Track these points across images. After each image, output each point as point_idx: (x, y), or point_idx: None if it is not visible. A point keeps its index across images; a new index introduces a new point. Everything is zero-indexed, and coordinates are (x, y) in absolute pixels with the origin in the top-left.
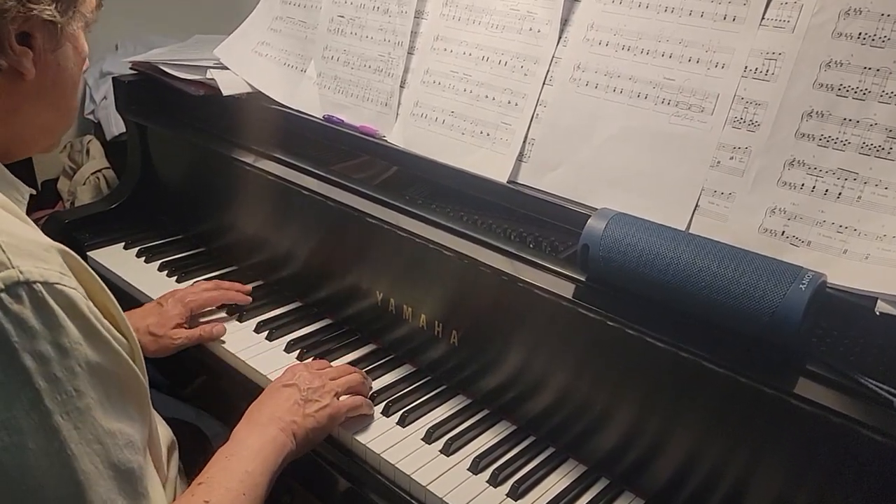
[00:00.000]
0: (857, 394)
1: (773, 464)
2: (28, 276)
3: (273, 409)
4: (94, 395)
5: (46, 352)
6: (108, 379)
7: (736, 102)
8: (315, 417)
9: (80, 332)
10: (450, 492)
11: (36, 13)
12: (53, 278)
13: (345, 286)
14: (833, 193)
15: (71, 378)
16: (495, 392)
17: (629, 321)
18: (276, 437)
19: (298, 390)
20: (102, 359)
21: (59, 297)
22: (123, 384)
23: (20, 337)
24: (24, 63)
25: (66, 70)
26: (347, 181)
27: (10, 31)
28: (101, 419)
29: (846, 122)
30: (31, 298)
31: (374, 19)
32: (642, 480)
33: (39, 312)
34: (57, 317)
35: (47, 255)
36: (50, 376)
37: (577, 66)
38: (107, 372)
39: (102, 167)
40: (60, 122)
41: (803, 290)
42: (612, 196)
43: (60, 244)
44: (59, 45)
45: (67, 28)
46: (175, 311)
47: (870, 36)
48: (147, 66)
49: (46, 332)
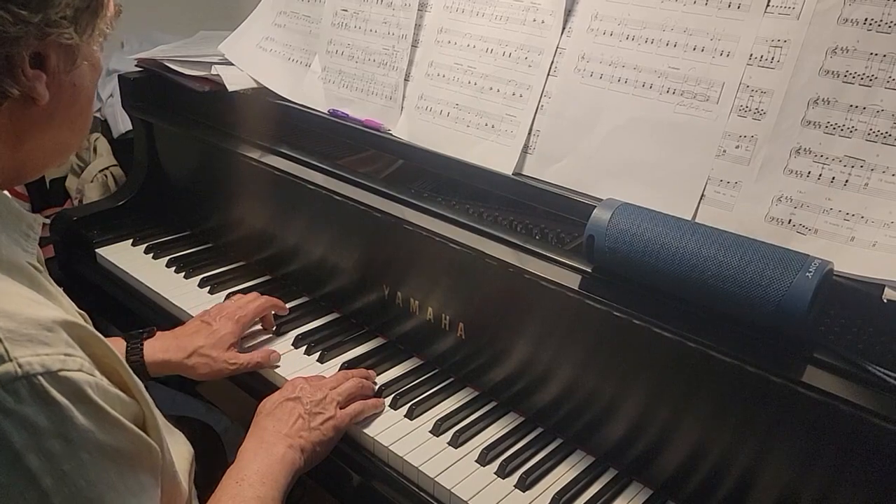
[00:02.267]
0: (865, 382)
1: (781, 452)
2: (28, 369)
3: (278, 425)
4: (106, 479)
5: (53, 448)
6: (120, 458)
7: (741, 91)
8: (321, 430)
9: (86, 420)
10: (458, 483)
11: (53, 38)
12: (56, 365)
13: (352, 280)
14: (840, 181)
15: (80, 470)
16: (502, 384)
17: (635, 311)
18: (284, 454)
19: (302, 404)
20: (113, 439)
21: (62, 386)
22: (134, 458)
23: (23, 437)
24: (38, 88)
25: (81, 89)
26: (353, 175)
27: (23, 58)
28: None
29: (852, 109)
30: (32, 393)
31: (377, 13)
32: (650, 471)
33: (42, 407)
34: (62, 408)
35: (50, 337)
36: (57, 473)
37: (582, 56)
38: (118, 452)
39: (110, 164)
40: (74, 140)
41: (810, 277)
42: (618, 186)
43: (64, 314)
44: (75, 65)
45: (85, 47)
46: (227, 331)
47: (876, 21)
48: (152, 62)
49: (52, 427)
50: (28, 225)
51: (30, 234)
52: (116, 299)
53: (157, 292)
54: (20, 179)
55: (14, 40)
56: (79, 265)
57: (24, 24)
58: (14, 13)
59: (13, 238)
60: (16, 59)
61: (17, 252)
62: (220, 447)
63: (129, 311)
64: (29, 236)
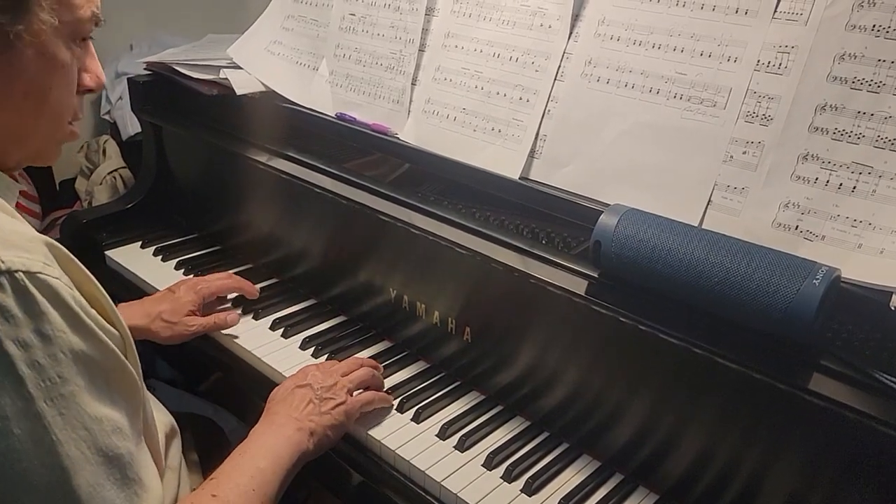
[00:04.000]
0: (873, 389)
1: (787, 460)
2: (10, 265)
3: (289, 409)
4: (79, 381)
5: (29, 339)
6: (94, 366)
7: (749, 96)
8: (332, 415)
9: (63, 321)
10: (464, 487)
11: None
12: (36, 268)
13: (358, 283)
14: (847, 187)
15: (54, 365)
16: (509, 388)
17: (642, 317)
18: (291, 436)
19: (312, 390)
20: (87, 347)
21: (41, 286)
22: (109, 372)
23: (2, 325)
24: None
25: (21, 75)
26: (360, 179)
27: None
28: (86, 405)
29: (860, 116)
30: (13, 287)
31: (385, 17)
32: (656, 476)
33: (21, 300)
34: (39, 305)
35: (31, 246)
36: (33, 363)
37: (589, 61)
38: (91, 360)
39: (119, 167)
40: (32, 133)
41: (817, 285)
42: (625, 192)
43: (46, 237)
44: (7, 48)
45: (18, 29)
46: (188, 298)
47: (884, 28)
48: (161, 66)
49: (28, 320)
50: (6, 186)
51: (7, 194)
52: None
53: None
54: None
55: None
56: (88, 267)
57: None
58: None
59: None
60: None
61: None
62: (225, 445)
63: None
64: (7, 195)
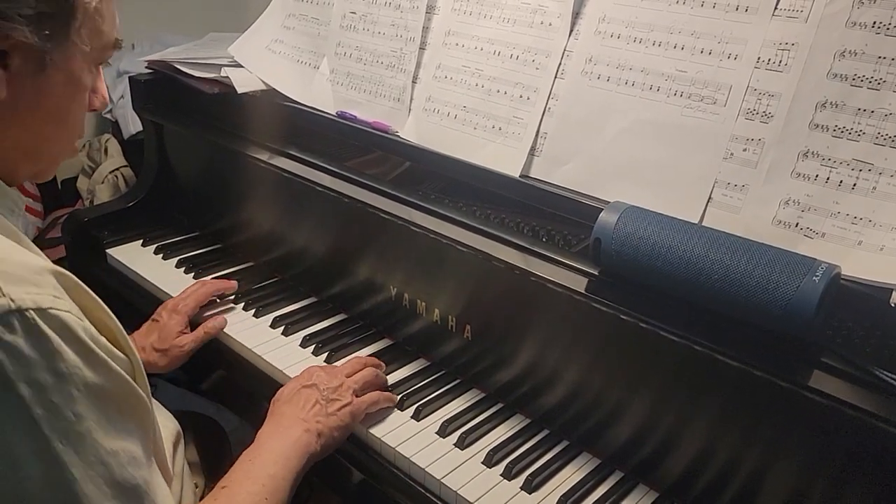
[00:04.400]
0: (873, 386)
1: (788, 457)
2: (20, 303)
3: (296, 410)
4: (94, 416)
5: (43, 379)
6: (107, 398)
7: (749, 94)
8: (338, 416)
9: (76, 356)
10: (464, 485)
11: (8, 32)
12: (46, 303)
13: (359, 281)
14: (847, 184)
15: (69, 403)
16: (509, 386)
17: (642, 315)
18: (299, 438)
19: (318, 390)
20: (100, 379)
21: (52, 322)
22: (122, 401)
23: (14, 366)
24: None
25: (49, 98)
26: (361, 177)
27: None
28: (101, 440)
29: (860, 113)
30: (24, 326)
31: (385, 15)
32: (656, 474)
33: (33, 340)
34: (52, 343)
35: (39, 279)
36: (47, 403)
37: (589, 59)
38: (105, 392)
39: (120, 165)
40: (46, 151)
41: (817, 281)
42: (625, 189)
43: (54, 265)
44: (41, 71)
45: (55, 56)
46: (173, 322)
47: (884, 25)
48: (163, 64)
49: (42, 360)
50: (13, 202)
51: (14, 209)
52: (126, 299)
53: (166, 293)
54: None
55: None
56: (89, 265)
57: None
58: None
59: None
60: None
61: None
62: (226, 444)
63: (138, 311)
64: (13, 212)
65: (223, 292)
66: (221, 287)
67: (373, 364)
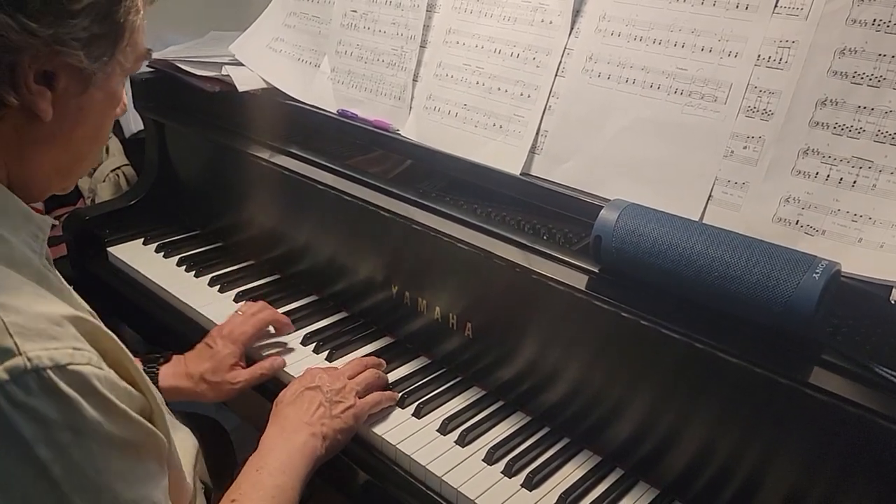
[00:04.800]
0: (873, 383)
1: (788, 454)
2: (37, 363)
3: (300, 413)
4: (114, 468)
5: (62, 439)
6: (127, 448)
7: (749, 91)
8: (342, 418)
9: (95, 411)
10: (465, 482)
11: (62, 56)
12: (64, 359)
13: (360, 279)
14: (847, 182)
15: (89, 459)
16: (510, 384)
17: (643, 312)
18: (305, 442)
19: (322, 392)
20: (120, 430)
21: (72, 380)
22: (141, 448)
23: (32, 429)
24: (40, 103)
25: (88, 116)
26: (362, 175)
27: (27, 70)
28: (122, 491)
29: (861, 110)
30: (41, 386)
31: (386, 13)
32: (656, 471)
33: (52, 400)
34: (71, 402)
35: (58, 331)
36: (67, 462)
37: (590, 57)
38: (125, 442)
39: (121, 164)
40: (77, 167)
41: (817, 278)
42: (626, 187)
43: (73, 310)
44: (86, 91)
45: (99, 75)
46: (227, 352)
47: (884, 22)
48: (163, 63)
49: (61, 419)
50: (37, 226)
51: (38, 235)
52: (127, 298)
53: (167, 291)
54: (28, 197)
55: (17, 49)
56: (90, 264)
57: (31, 35)
58: (21, 23)
59: (22, 239)
60: (18, 70)
61: (27, 252)
62: (228, 445)
63: (140, 309)
64: (38, 237)
65: (280, 327)
66: (278, 318)
67: (374, 364)
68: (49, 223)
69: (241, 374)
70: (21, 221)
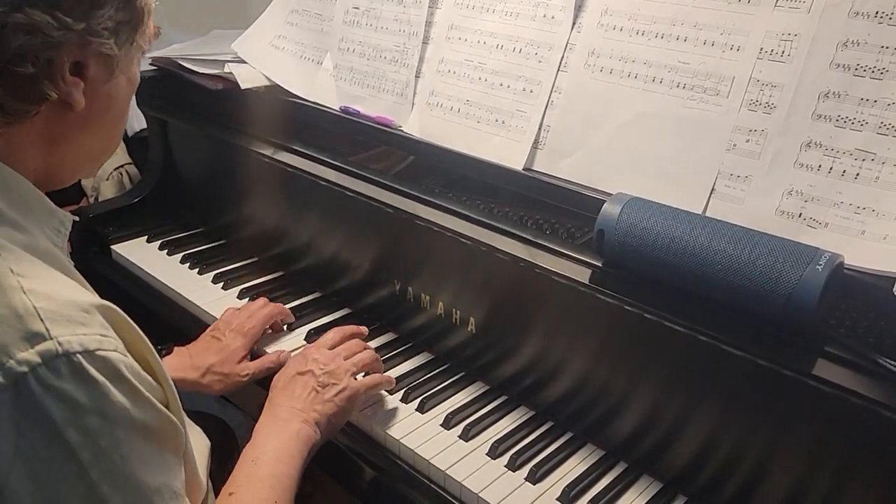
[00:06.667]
0: (877, 375)
1: (792, 445)
2: (67, 347)
3: (292, 401)
4: (138, 455)
5: (91, 424)
6: (150, 435)
7: (751, 85)
8: (335, 402)
9: (123, 397)
10: (469, 476)
11: (94, 46)
12: (93, 345)
13: (363, 276)
14: (850, 174)
15: (116, 446)
16: (513, 378)
17: (646, 305)
18: (299, 430)
19: (314, 376)
20: (144, 417)
21: (99, 364)
22: (163, 436)
23: (62, 412)
24: (75, 94)
25: (116, 100)
26: (365, 171)
27: (64, 63)
28: (146, 479)
29: (863, 102)
30: (72, 370)
31: (388, 10)
32: (660, 464)
33: (82, 384)
34: (100, 387)
35: (87, 318)
36: (95, 448)
37: (592, 51)
38: (149, 429)
39: (125, 163)
40: (105, 150)
41: (820, 270)
42: (629, 181)
43: (99, 298)
44: (112, 76)
45: (123, 60)
46: (237, 345)
47: (887, 14)
48: (166, 61)
49: (90, 404)
50: (59, 221)
51: (61, 230)
52: (132, 295)
53: (171, 288)
54: (52, 184)
55: (57, 45)
56: (94, 262)
57: (67, 30)
58: (59, 19)
59: (46, 233)
60: (57, 64)
61: (50, 246)
62: (233, 442)
63: (144, 307)
64: (60, 232)
65: (283, 319)
66: (284, 312)
67: (355, 333)
68: (70, 219)
69: (250, 367)
70: (45, 216)
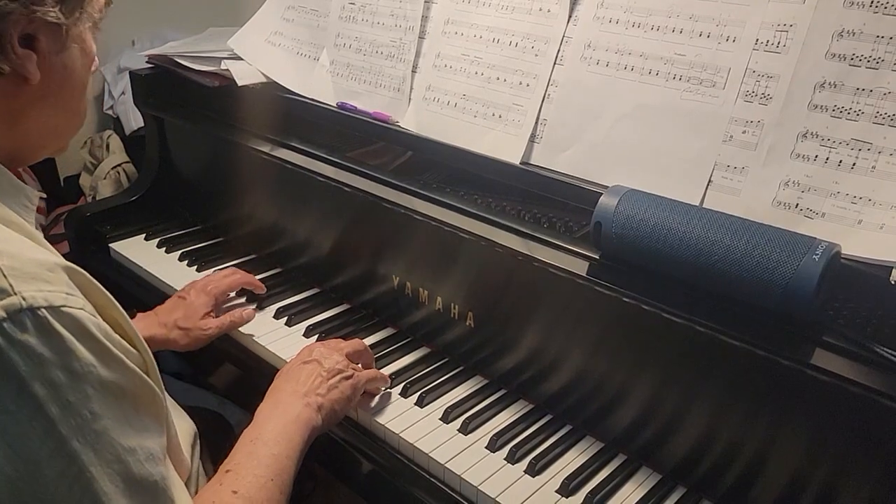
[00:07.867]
0: (874, 363)
1: (791, 435)
2: (31, 301)
3: (295, 386)
4: (110, 414)
5: (57, 378)
6: (123, 396)
7: (748, 76)
8: (339, 388)
9: (90, 353)
10: (468, 469)
11: (39, 15)
12: (58, 301)
13: (361, 271)
14: (847, 164)
15: (84, 401)
16: (512, 372)
17: (644, 297)
18: (300, 413)
19: (320, 364)
20: (115, 376)
21: (65, 320)
22: (138, 398)
23: (28, 365)
24: (28, 67)
25: (72, 72)
26: (363, 167)
27: (12, 35)
28: (119, 437)
29: (859, 92)
30: (36, 325)
31: (384, 5)
32: (659, 455)
33: (46, 339)
34: (65, 341)
35: (52, 276)
36: (62, 402)
37: (588, 44)
38: (121, 389)
39: (122, 161)
40: (68, 125)
41: (817, 260)
42: (625, 174)
43: (67, 262)
44: (64, 47)
45: (73, 30)
46: (200, 301)
47: (882, 4)
48: (163, 58)
49: (56, 358)
50: (26, 197)
51: (28, 205)
52: (130, 293)
53: (170, 285)
54: (18, 161)
55: (2, 16)
56: (93, 260)
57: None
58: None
59: (14, 208)
60: (5, 37)
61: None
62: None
63: (143, 304)
64: (27, 207)
65: (253, 289)
66: (253, 282)
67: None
68: (37, 195)
69: (213, 322)
70: (12, 191)
